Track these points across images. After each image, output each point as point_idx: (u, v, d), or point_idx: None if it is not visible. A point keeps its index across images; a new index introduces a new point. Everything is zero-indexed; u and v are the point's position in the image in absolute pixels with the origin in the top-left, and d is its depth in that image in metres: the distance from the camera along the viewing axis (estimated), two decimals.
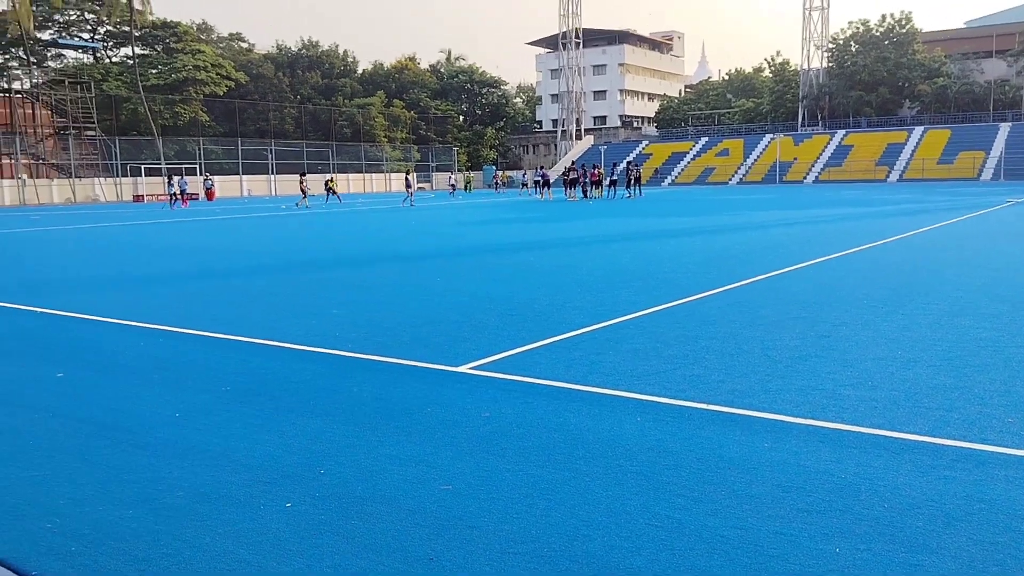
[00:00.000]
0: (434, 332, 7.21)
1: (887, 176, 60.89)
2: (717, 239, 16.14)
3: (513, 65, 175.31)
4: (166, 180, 39.90)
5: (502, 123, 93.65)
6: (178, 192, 40.96)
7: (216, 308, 8.74)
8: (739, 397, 5.15)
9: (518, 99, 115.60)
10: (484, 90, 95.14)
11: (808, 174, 64.22)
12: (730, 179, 66.94)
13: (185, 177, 41.15)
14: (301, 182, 38.61)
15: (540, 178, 44.92)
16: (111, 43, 72.36)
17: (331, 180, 42.96)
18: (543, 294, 9.21)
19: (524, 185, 58.68)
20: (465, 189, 64.68)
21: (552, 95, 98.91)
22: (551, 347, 6.55)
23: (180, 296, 9.74)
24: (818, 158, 66.44)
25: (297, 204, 37.81)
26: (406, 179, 38.57)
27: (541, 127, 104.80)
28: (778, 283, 9.79)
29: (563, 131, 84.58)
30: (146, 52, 71.68)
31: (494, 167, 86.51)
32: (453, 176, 56.18)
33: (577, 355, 6.29)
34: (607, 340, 6.77)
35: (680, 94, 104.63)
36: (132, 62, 65.47)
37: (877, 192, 41.47)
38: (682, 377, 5.63)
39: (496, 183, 64.84)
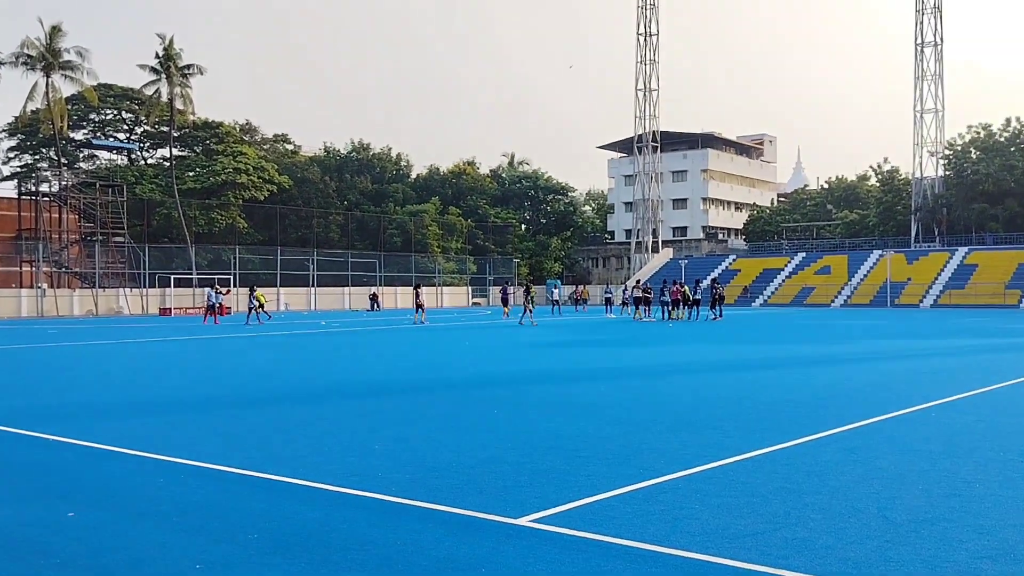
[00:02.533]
0: (491, 475, 7.16)
1: (1020, 301, 59.40)
2: (820, 372, 15.84)
3: (582, 170, 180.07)
4: (244, 292, 40.90)
5: (569, 233, 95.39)
6: (217, 305, 41.55)
7: (244, 441, 8.86)
8: (853, 567, 4.94)
9: (588, 207, 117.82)
10: (549, 197, 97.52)
11: (925, 297, 63.14)
12: (832, 301, 66.22)
13: (213, 289, 42.25)
14: (416, 295, 39.02)
15: (609, 295, 46.81)
16: (147, 144, 76.98)
17: (255, 290, 41.96)
18: (617, 432, 9.11)
19: (558, 303, 57.15)
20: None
21: (626, 203, 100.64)
22: (626, 497, 6.43)
23: (205, 426, 9.92)
24: (936, 278, 65.43)
25: (414, 321, 38.57)
26: (527, 290, 38.68)
27: (613, 238, 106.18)
28: (895, 428, 9.50)
29: (638, 243, 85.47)
30: (184, 154, 75.86)
31: (559, 281, 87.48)
32: (559, 291, 53.17)
33: (657, 508, 6.15)
34: (693, 491, 6.62)
35: (772, 203, 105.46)
36: (169, 164, 69.25)
37: (1010, 319, 40.43)
38: (783, 540, 5.44)
39: (577, 299, 60.41)
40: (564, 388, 13.43)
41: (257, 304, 41.31)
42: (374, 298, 62.44)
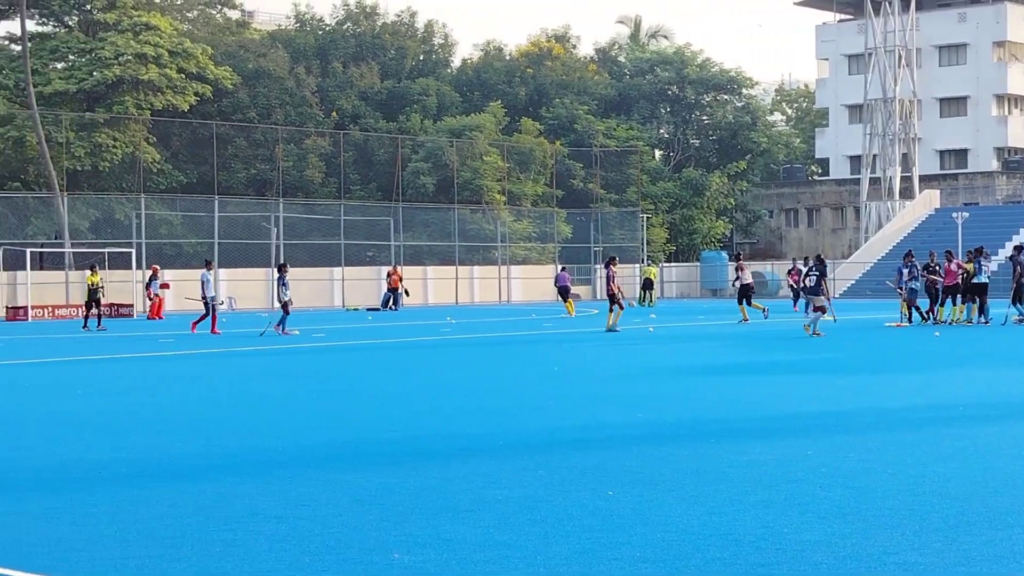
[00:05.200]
0: None
1: None
2: None
3: (768, 47, 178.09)
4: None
5: (743, 164, 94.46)
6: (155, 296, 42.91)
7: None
8: None
9: (777, 115, 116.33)
10: (707, 98, 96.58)
11: None
12: None
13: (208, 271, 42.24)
14: (610, 277, 38.43)
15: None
16: None
17: (93, 274, 43.97)
18: (832, 533, 8.97)
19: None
20: (643, 301, 64.33)
21: (850, 107, 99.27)
22: None
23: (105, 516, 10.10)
24: None
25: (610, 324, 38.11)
26: (817, 268, 36.57)
27: (826, 172, 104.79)
28: None
29: (874, 180, 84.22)
30: (46, 29, 76.87)
31: (724, 253, 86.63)
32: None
33: None
34: None
35: None
36: (20, 48, 70.26)
37: None
38: None
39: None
40: (722, 449, 13.33)
41: (92, 296, 43.12)
42: (393, 287, 62.21)
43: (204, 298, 40.39)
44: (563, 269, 57.68)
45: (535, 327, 42.99)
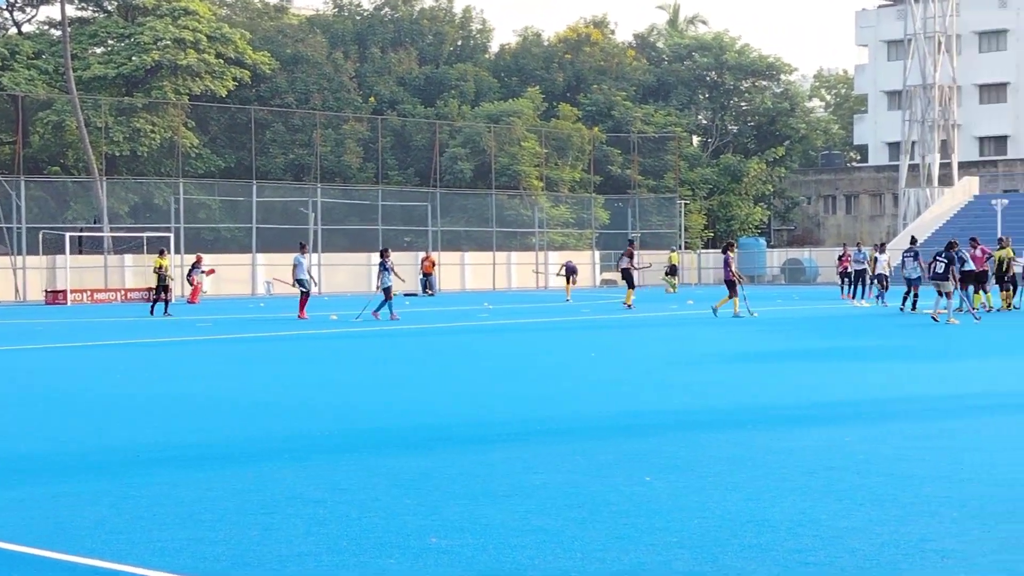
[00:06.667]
0: None
1: None
2: None
3: (808, 34, 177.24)
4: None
5: (782, 150, 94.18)
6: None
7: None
8: None
9: (816, 101, 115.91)
10: (746, 84, 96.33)
11: None
12: None
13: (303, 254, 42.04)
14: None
15: (861, 265, 45.62)
16: None
17: (162, 257, 44.62)
18: (882, 519, 8.94)
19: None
20: (671, 286, 64.16)
21: (889, 93, 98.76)
22: None
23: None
24: None
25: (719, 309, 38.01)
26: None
27: (865, 158, 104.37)
28: None
29: (912, 167, 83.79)
30: (87, 14, 77.27)
31: (762, 240, 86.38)
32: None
33: None
34: None
35: None
36: (60, 34, 70.71)
37: None
38: None
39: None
40: (760, 436, 13.31)
41: (160, 281, 43.77)
42: (427, 272, 62.24)
43: (297, 281, 40.50)
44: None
45: (572, 312, 43.02)
